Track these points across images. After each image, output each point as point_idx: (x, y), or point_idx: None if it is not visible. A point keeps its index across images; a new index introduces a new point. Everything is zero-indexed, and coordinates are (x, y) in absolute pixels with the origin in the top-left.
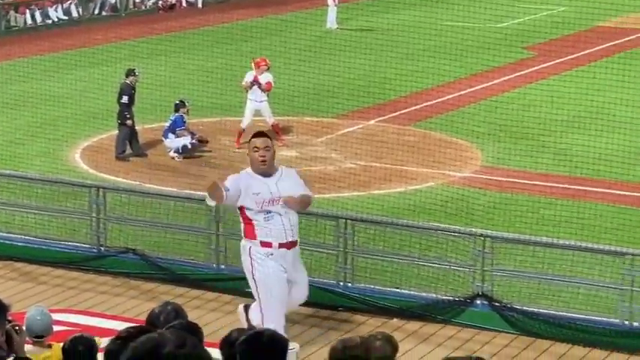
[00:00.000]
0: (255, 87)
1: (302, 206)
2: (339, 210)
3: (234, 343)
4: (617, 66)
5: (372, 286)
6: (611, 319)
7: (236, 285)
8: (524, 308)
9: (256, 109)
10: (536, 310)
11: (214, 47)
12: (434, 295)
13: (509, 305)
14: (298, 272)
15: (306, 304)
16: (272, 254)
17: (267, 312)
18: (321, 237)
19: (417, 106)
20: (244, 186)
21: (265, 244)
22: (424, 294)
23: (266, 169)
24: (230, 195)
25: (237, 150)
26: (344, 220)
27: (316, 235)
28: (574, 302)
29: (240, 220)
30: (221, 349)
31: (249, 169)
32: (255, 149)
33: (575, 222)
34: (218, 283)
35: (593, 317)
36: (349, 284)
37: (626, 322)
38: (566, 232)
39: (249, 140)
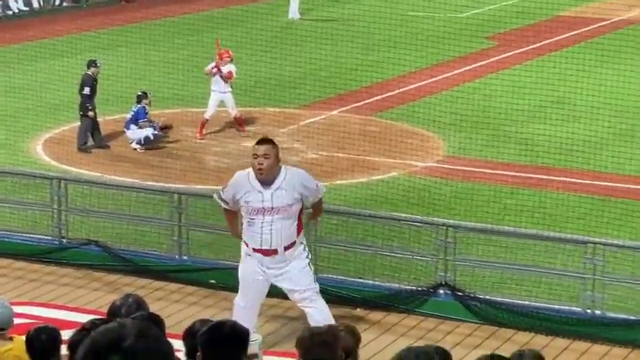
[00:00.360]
0: (218, 78)
1: (318, 215)
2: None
3: (196, 334)
4: (578, 55)
5: (335, 277)
6: (574, 308)
7: (199, 276)
8: (487, 297)
9: (220, 99)
10: (499, 299)
11: (176, 38)
12: (397, 285)
13: (472, 294)
14: (286, 280)
15: (268, 294)
16: (249, 255)
17: (236, 306)
18: None
19: (380, 97)
20: (238, 192)
21: (247, 244)
22: (387, 284)
23: (263, 178)
24: (232, 201)
25: (199, 141)
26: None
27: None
28: (537, 291)
29: None
30: (184, 340)
31: (251, 171)
32: (255, 156)
33: (538, 211)
34: (181, 275)
35: (556, 306)
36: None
37: (589, 311)
38: (529, 221)
39: (254, 145)
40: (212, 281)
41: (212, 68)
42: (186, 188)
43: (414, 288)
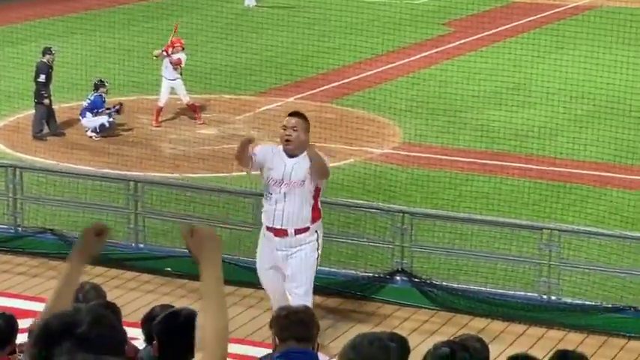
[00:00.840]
0: (168, 64)
1: (317, 161)
2: (257, 188)
3: (154, 320)
4: (533, 41)
5: None
6: (529, 294)
7: (155, 264)
8: (444, 284)
9: (170, 86)
10: (455, 285)
11: (132, 25)
12: (353, 272)
13: (428, 281)
14: (289, 266)
15: (226, 282)
16: (264, 235)
17: None
18: (241, 215)
19: (336, 84)
20: (269, 157)
21: (263, 222)
22: (344, 271)
23: (289, 149)
24: (257, 160)
25: (155, 128)
26: None
27: (236, 212)
28: (492, 277)
29: None
30: (142, 325)
31: (280, 146)
32: (283, 127)
33: (494, 197)
34: (137, 262)
35: (512, 292)
36: None
37: (544, 297)
38: (485, 208)
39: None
40: (168, 269)
41: (162, 52)
42: (143, 176)
43: (371, 275)
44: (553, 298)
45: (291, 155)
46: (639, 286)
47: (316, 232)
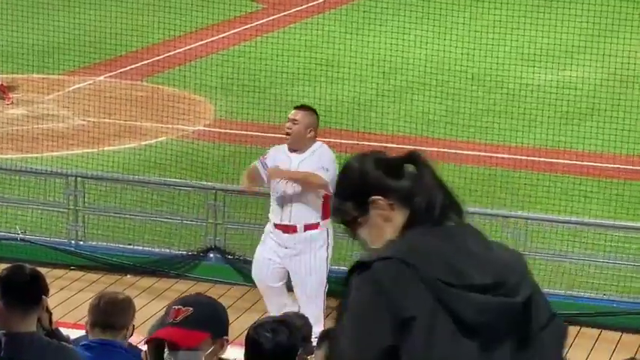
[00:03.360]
0: None
1: (305, 183)
2: (69, 168)
3: None
4: (343, 17)
5: (105, 244)
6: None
7: None
8: None
9: None
10: None
11: None
12: (167, 250)
13: (242, 257)
14: (297, 266)
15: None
16: (271, 233)
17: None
18: (51, 196)
19: (147, 61)
20: (276, 157)
21: (270, 219)
22: (157, 249)
23: (289, 144)
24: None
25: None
26: (74, 178)
27: (46, 194)
28: None
29: None
30: None
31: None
32: (287, 119)
33: None
34: None
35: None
36: (81, 242)
37: None
38: None
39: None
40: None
41: None
42: None
43: (185, 253)
44: None
45: (294, 150)
46: None
47: (326, 228)
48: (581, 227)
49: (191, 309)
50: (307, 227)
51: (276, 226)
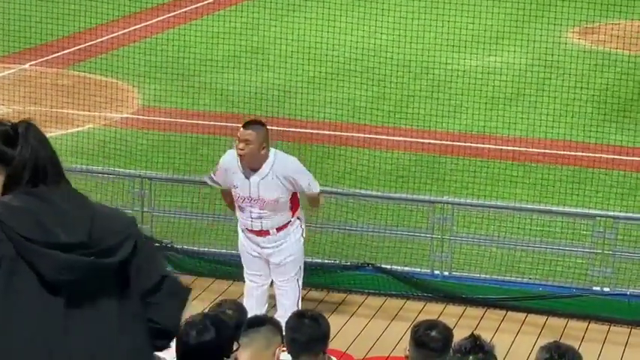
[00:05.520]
0: None
1: (315, 207)
2: None
3: None
4: (270, 4)
5: None
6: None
7: None
8: (185, 247)
9: None
10: (196, 248)
11: None
12: None
13: (169, 245)
14: (277, 258)
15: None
16: (243, 230)
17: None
18: None
19: (72, 49)
20: (228, 173)
21: (239, 223)
22: None
23: (245, 165)
24: (226, 186)
25: None
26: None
27: None
28: (234, 239)
29: None
30: None
31: (231, 159)
32: (237, 139)
33: None
34: None
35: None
36: None
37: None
38: None
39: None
40: None
41: None
42: None
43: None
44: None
45: (249, 168)
46: (378, 243)
47: (298, 219)
48: (506, 212)
49: None
50: (279, 229)
51: (249, 230)
